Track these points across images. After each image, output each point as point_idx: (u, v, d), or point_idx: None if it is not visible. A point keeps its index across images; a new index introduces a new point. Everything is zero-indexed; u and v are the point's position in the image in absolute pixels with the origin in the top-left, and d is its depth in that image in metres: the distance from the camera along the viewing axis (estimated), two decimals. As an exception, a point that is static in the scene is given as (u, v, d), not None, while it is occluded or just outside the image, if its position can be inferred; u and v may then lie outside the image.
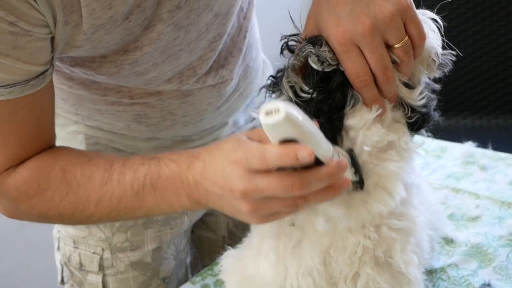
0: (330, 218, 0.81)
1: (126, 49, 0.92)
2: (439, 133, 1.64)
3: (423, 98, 0.83)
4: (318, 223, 0.81)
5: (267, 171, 0.72)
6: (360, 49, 0.78)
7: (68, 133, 1.12)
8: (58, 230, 1.21)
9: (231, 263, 0.93)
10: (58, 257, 1.23)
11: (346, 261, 0.83)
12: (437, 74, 0.86)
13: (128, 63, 0.94)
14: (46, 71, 0.85)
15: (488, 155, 1.46)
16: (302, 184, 0.72)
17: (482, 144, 1.50)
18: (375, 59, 0.79)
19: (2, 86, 0.81)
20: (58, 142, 0.97)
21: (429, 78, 0.86)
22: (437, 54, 0.84)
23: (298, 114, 0.67)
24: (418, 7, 0.84)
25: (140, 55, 0.93)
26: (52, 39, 0.84)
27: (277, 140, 0.69)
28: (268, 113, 0.65)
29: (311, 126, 0.69)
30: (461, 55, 0.85)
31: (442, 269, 1.10)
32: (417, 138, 0.88)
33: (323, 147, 0.72)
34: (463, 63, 2.39)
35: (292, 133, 0.68)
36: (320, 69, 0.79)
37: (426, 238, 0.88)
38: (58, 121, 1.10)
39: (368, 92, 0.80)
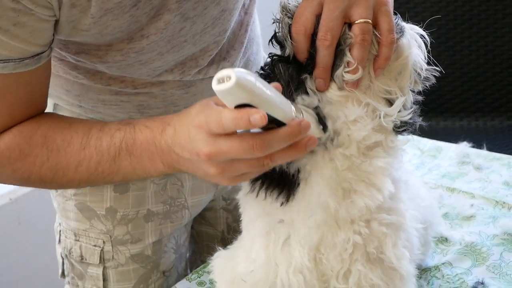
0: (320, 210, 0.82)
1: (132, 38, 0.94)
2: (436, 134, 1.67)
3: (409, 114, 0.84)
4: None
5: (229, 134, 0.74)
6: (321, 5, 0.80)
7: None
8: (60, 223, 1.22)
9: (221, 263, 0.94)
10: (59, 250, 1.24)
11: (336, 258, 0.84)
12: (420, 88, 0.87)
13: (134, 51, 0.96)
14: (42, 52, 0.87)
15: (483, 155, 1.48)
16: (263, 145, 0.73)
17: (477, 145, 1.53)
18: (327, 17, 0.80)
19: None
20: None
21: (413, 91, 0.87)
22: (421, 68, 0.85)
23: (251, 79, 0.69)
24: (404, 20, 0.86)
25: (146, 43, 0.95)
26: (56, 22, 0.85)
27: (233, 105, 0.71)
28: (220, 81, 0.68)
29: (267, 90, 0.71)
30: (444, 72, 0.86)
31: (436, 268, 1.12)
32: (409, 136, 0.90)
33: (283, 109, 0.73)
34: (459, 64, 2.41)
35: (244, 98, 0.70)
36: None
37: (415, 233, 0.90)
38: (60, 113, 1.11)
39: (299, 42, 0.81)
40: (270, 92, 0.72)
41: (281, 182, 0.83)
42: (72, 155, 0.91)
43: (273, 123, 0.73)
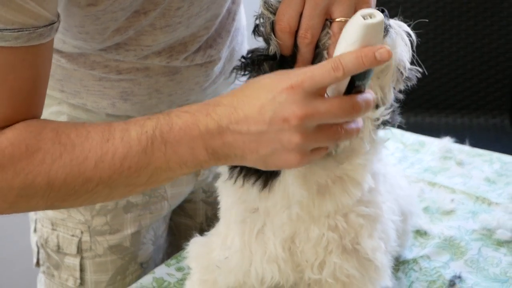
0: (294, 204, 0.82)
1: (132, 15, 0.93)
2: (421, 129, 1.68)
3: (389, 113, 0.84)
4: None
5: (323, 96, 0.73)
6: (304, 1, 0.80)
7: (51, 113, 1.12)
8: (36, 212, 1.21)
9: (197, 249, 0.94)
10: (34, 239, 1.22)
11: (311, 251, 0.84)
12: (402, 87, 0.87)
13: (133, 29, 0.95)
14: (54, 22, 0.81)
15: (465, 151, 1.48)
16: (361, 106, 0.73)
17: (461, 141, 1.53)
18: (309, 15, 0.79)
19: (9, 29, 0.76)
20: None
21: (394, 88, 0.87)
22: (405, 67, 0.84)
23: None
24: (394, 16, 0.85)
25: (144, 20, 0.94)
26: None
27: (358, 45, 0.72)
28: (365, 17, 0.71)
29: None
30: (431, 68, 0.85)
31: (414, 260, 1.13)
32: (390, 133, 0.90)
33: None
34: (447, 61, 2.42)
35: (378, 39, 0.72)
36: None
37: (391, 225, 0.90)
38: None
39: (284, 40, 0.81)
40: None
41: (259, 169, 0.83)
42: (92, 149, 0.78)
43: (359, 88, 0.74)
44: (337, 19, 0.80)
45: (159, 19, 0.97)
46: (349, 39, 0.72)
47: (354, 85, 0.73)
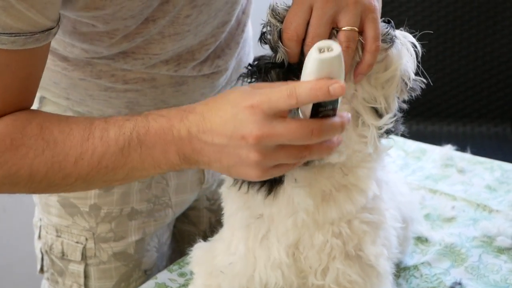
0: (299, 211, 0.83)
1: (142, 23, 0.94)
2: (424, 137, 1.68)
3: (392, 122, 0.85)
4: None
5: (284, 118, 0.74)
6: (311, 9, 0.81)
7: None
8: (40, 219, 1.21)
9: (201, 254, 0.95)
10: (38, 245, 1.23)
11: (315, 257, 0.85)
12: (406, 97, 0.88)
13: (141, 36, 0.96)
14: (52, 28, 0.84)
15: (466, 158, 1.49)
16: (321, 131, 0.73)
17: (463, 149, 1.54)
18: (316, 23, 0.81)
19: (7, 34, 0.79)
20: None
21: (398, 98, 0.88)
22: (409, 78, 0.85)
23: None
24: (399, 26, 0.87)
25: (153, 27, 0.95)
26: None
27: (315, 78, 0.72)
28: (321, 50, 0.70)
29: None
30: (434, 77, 0.86)
31: (415, 267, 1.13)
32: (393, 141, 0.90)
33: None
34: (449, 70, 2.43)
35: (336, 72, 0.71)
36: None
37: (393, 232, 0.91)
38: (47, 108, 1.12)
39: (292, 48, 0.82)
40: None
41: None
42: (73, 147, 0.83)
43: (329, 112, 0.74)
44: (343, 28, 0.81)
45: (168, 27, 0.98)
46: (306, 70, 0.73)
47: (319, 110, 0.74)
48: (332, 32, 0.82)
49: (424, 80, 0.87)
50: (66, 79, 1.06)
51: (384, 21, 0.85)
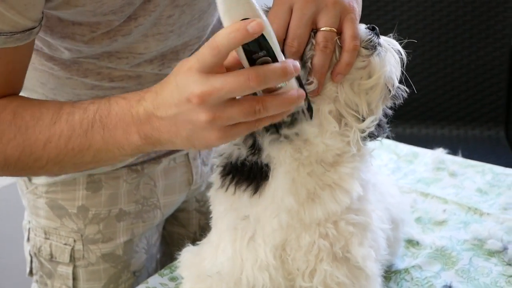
0: (285, 211, 0.83)
1: (124, 21, 0.94)
2: (417, 141, 1.69)
3: (374, 126, 0.84)
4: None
5: (222, 72, 0.73)
6: (291, 10, 0.81)
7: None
8: (29, 221, 1.21)
9: (189, 258, 0.94)
10: (27, 248, 1.23)
11: (302, 259, 0.84)
12: (389, 104, 0.87)
13: (122, 34, 0.96)
14: (33, 28, 0.85)
15: (458, 162, 1.49)
16: (258, 76, 0.71)
17: (456, 152, 1.54)
18: (295, 24, 0.81)
19: None
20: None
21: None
22: (393, 85, 0.85)
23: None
24: (387, 32, 0.86)
25: (134, 26, 0.95)
26: None
27: (230, 22, 0.71)
28: None
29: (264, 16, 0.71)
30: (426, 81, 0.86)
31: (406, 270, 1.13)
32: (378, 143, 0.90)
33: (276, 44, 0.73)
34: (443, 73, 2.43)
35: (250, 12, 0.69)
36: None
37: (381, 234, 0.90)
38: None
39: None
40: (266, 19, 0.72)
41: (250, 175, 0.84)
42: (42, 132, 0.85)
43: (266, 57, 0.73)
44: (321, 29, 0.81)
45: (151, 28, 0.98)
46: (224, 21, 0.71)
47: (252, 57, 0.72)
48: (311, 34, 0.82)
49: (407, 90, 0.87)
50: (53, 79, 1.06)
51: (368, 28, 0.84)
